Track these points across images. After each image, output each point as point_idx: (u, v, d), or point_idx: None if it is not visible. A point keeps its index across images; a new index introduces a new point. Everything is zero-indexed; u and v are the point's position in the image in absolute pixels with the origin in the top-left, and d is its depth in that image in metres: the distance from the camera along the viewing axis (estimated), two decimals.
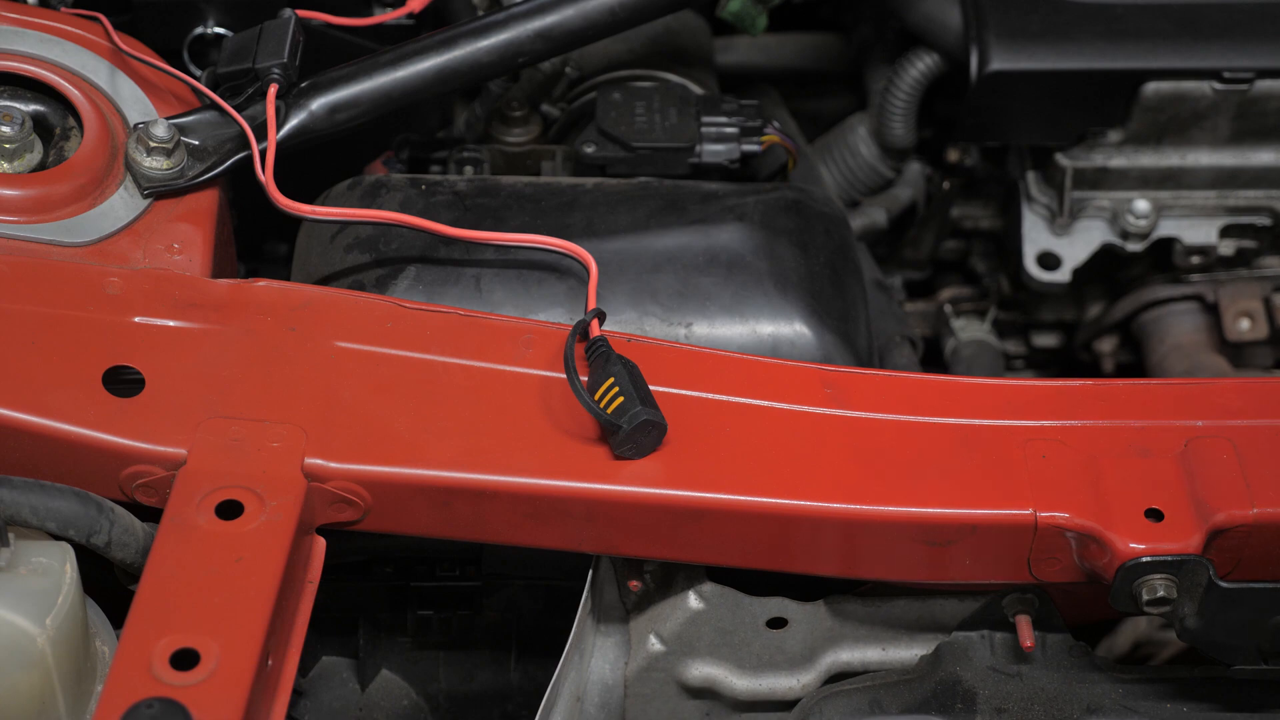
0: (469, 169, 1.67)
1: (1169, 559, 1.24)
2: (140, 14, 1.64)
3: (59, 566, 1.15)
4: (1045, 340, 2.02)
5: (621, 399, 1.25)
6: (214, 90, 1.42)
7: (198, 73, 1.60)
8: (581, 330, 1.30)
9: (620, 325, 1.41)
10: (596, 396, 1.26)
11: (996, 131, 1.80)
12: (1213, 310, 1.87)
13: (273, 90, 1.41)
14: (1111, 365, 1.97)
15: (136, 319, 1.30)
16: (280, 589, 1.15)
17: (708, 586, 1.35)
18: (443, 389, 1.29)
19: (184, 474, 1.21)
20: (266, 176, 1.35)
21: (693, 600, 1.35)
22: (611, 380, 1.26)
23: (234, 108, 1.41)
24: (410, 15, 1.61)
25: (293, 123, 1.42)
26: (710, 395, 1.31)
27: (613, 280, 1.42)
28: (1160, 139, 1.77)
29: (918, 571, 1.31)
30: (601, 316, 1.31)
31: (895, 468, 1.26)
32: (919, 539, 1.27)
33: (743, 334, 1.42)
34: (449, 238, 1.42)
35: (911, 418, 1.30)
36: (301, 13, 1.46)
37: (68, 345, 1.27)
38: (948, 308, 1.99)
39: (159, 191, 1.38)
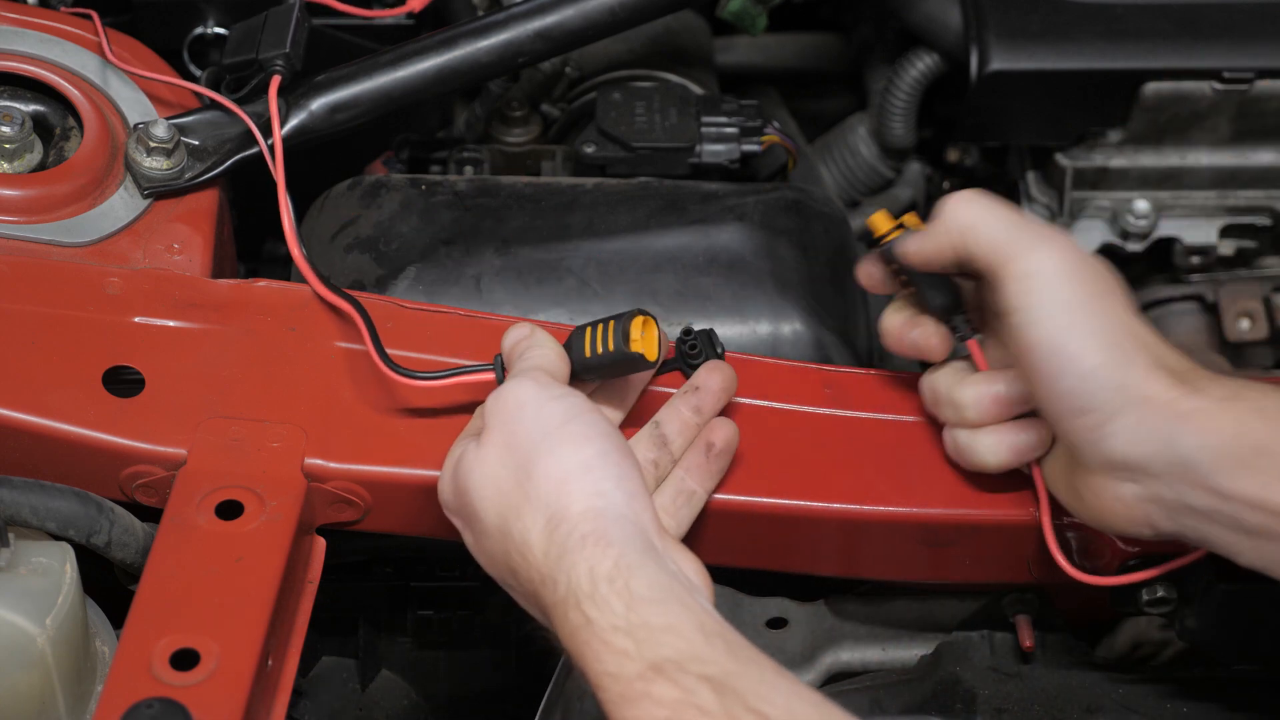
0: (469, 169, 1.67)
1: (1169, 559, 1.24)
2: (140, 14, 1.63)
3: (59, 566, 1.15)
4: None
5: None
6: (219, 82, 1.42)
7: (198, 73, 1.60)
8: None
9: None
10: None
11: (996, 131, 1.80)
12: (1213, 310, 1.86)
13: (275, 82, 1.40)
14: None
15: (136, 319, 1.30)
16: (280, 589, 1.15)
17: None
18: None
19: (184, 474, 1.21)
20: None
21: None
22: None
23: (236, 101, 1.40)
24: (410, 15, 1.61)
25: (292, 123, 1.42)
26: None
27: (613, 280, 1.42)
28: (1160, 139, 1.76)
29: (918, 571, 1.31)
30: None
31: (895, 468, 1.26)
32: (919, 539, 1.27)
33: (742, 334, 1.42)
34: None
35: (912, 418, 1.30)
36: None
37: (68, 345, 1.27)
38: None
39: (159, 191, 1.38)
